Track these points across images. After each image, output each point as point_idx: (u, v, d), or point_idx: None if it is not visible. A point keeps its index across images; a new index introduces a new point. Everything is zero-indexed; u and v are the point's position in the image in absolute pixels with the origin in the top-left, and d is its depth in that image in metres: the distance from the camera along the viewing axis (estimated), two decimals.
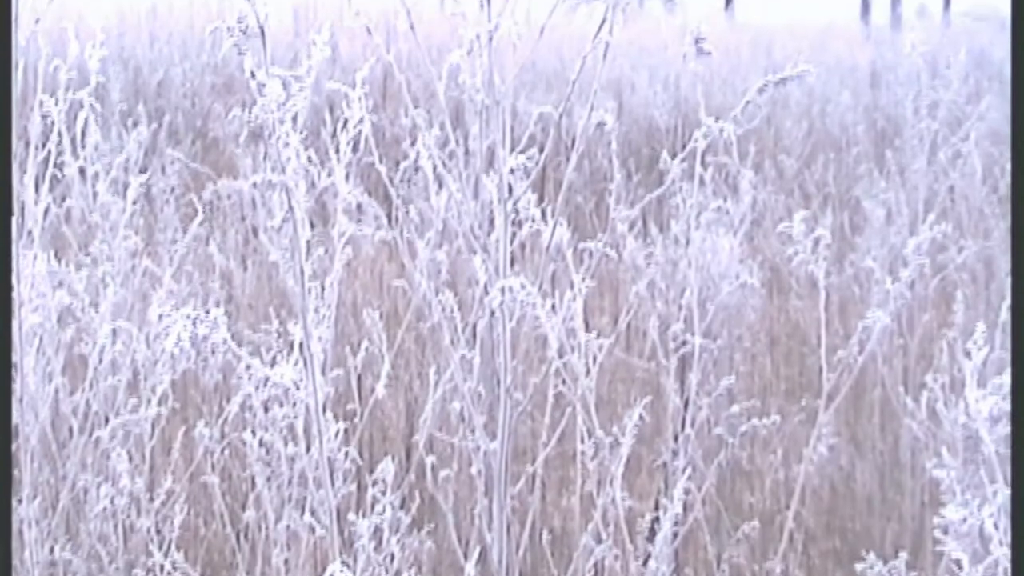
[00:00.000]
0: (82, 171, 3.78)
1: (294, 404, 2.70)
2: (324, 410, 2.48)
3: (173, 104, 9.51)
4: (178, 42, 10.20)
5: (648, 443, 4.26)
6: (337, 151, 2.78)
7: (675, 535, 3.11)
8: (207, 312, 2.11)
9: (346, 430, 2.69)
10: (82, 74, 3.30)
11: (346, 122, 2.75)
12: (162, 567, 3.07)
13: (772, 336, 5.86)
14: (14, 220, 2.87)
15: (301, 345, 2.36)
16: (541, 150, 2.99)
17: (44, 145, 3.26)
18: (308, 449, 2.72)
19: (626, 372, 5.09)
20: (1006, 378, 2.38)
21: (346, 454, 2.80)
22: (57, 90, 3.20)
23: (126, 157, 3.78)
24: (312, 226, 4.41)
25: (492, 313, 2.86)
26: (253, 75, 2.18)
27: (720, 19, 16.94)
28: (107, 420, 3.43)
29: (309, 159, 2.23)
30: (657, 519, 3.00)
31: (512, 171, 2.88)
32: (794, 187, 7.87)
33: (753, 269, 5.19)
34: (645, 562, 3.07)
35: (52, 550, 3.25)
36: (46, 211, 3.34)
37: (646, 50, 11.45)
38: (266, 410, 2.95)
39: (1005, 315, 3.46)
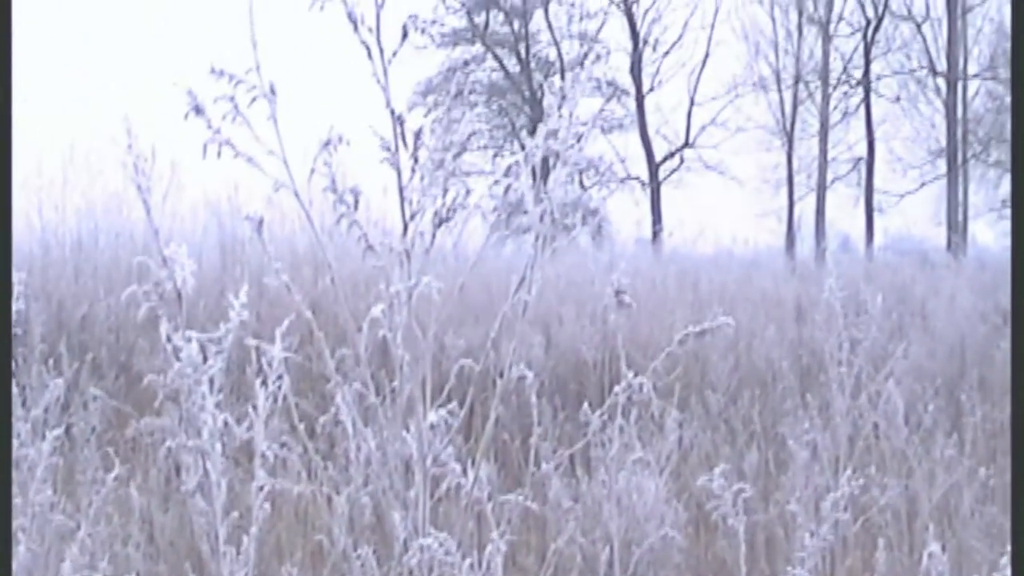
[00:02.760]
0: None
1: None
2: None
3: (97, 339, 9.44)
4: (103, 276, 10.18)
5: None
6: (262, 387, 2.75)
7: None
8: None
9: None
10: None
11: (266, 378, 2.74)
12: None
13: (698, 574, 5.84)
14: None
15: None
16: (463, 399, 3.00)
17: None
18: None
19: None
20: None
21: None
22: None
23: (44, 407, 3.74)
24: (238, 463, 4.36)
25: (411, 573, 2.83)
26: (169, 339, 2.18)
27: (647, 252, 17.19)
28: None
29: (226, 422, 2.21)
30: None
31: (432, 426, 2.88)
32: (720, 423, 7.89)
33: (679, 510, 5.18)
34: None
35: None
36: None
37: (574, 283, 11.58)
38: None
39: (926, 562, 3.45)
